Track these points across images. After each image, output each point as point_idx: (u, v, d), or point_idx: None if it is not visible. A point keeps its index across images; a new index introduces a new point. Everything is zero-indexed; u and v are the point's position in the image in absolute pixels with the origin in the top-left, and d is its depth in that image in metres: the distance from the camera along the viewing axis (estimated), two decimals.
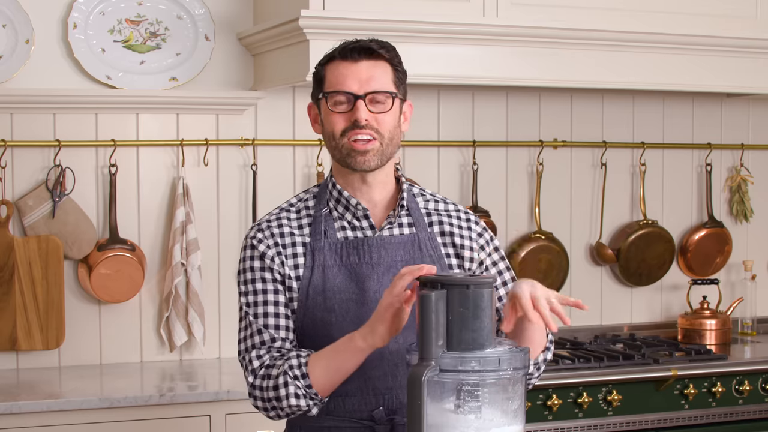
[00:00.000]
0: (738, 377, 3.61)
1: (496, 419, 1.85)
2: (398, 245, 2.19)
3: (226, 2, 3.66)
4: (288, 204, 2.26)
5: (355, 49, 2.13)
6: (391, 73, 2.15)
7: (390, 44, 2.18)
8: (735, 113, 4.34)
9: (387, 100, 2.13)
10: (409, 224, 2.22)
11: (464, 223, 2.28)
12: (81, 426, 3.02)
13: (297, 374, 2.05)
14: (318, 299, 2.14)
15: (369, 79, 2.12)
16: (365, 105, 2.11)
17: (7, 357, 3.47)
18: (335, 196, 2.20)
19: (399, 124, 2.18)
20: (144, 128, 3.58)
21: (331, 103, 2.14)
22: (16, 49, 3.42)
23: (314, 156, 3.75)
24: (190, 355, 3.64)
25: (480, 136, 3.97)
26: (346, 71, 2.13)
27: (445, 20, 3.34)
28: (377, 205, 2.22)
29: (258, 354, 2.13)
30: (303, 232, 2.20)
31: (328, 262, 2.16)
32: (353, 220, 2.20)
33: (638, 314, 4.22)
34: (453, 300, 1.84)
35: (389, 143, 2.15)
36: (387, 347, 2.11)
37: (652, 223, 4.17)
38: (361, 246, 2.17)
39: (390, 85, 2.15)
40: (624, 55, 3.59)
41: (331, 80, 2.15)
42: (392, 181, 2.24)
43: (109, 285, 3.45)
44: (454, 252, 2.24)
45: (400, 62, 2.19)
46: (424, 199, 2.29)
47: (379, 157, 2.14)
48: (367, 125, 2.11)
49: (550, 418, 3.38)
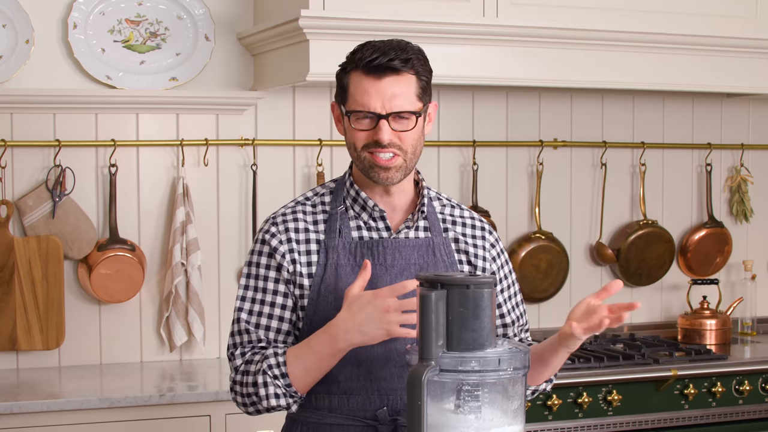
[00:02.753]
0: (738, 377, 3.61)
1: (496, 419, 1.85)
2: (413, 248, 2.18)
3: (226, 2, 3.66)
4: (304, 198, 2.24)
5: (380, 66, 2.08)
6: (415, 86, 2.11)
7: (415, 49, 2.13)
8: (735, 113, 4.34)
9: (411, 117, 2.11)
10: (425, 228, 2.22)
11: (479, 232, 2.28)
12: (81, 426, 3.02)
13: (276, 374, 2.07)
14: (329, 298, 2.14)
15: (393, 98, 2.08)
16: (388, 124, 2.09)
17: (7, 357, 3.47)
18: (352, 195, 2.19)
19: (423, 133, 2.16)
20: (144, 128, 3.58)
21: (354, 120, 2.12)
22: (16, 49, 3.42)
23: (314, 156, 3.75)
24: (190, 355, 3.64)
25: (480, 136, 3.97)
26: (369, 88, 2.09)
27: (445, 20, 3.34)
28: (396, 208, 2.21)
29: (242, 352, 2.15)
30: (318, 229, 2.18)
31: (342, 262, 2.15)
32: (369, 220, 2.19)
33: (638, 314, 4.22)
34: (453, 300, 1.84)
35: (412, 157, 2.14)
36: (395, 348, 2.12)
37: (652, 223, 4.17)
38: (376, 247, 2.16)
39: (414, 101, 2.11)
40: (624, 55, 3.59)
41: (354, 95, 2.11)
42: (411, 187, 2.23)
43: (109, 285, 3.45)
44: (467, 259, 2.24)
45: (425, 67, 2.13)
46: (440, 203, 2.29)
47: (402, 172, 2.13)
48: (390, 144, 2.09)
49: (550, 418, 3.38)
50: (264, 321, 2.15)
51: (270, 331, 2.15)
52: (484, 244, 2.27)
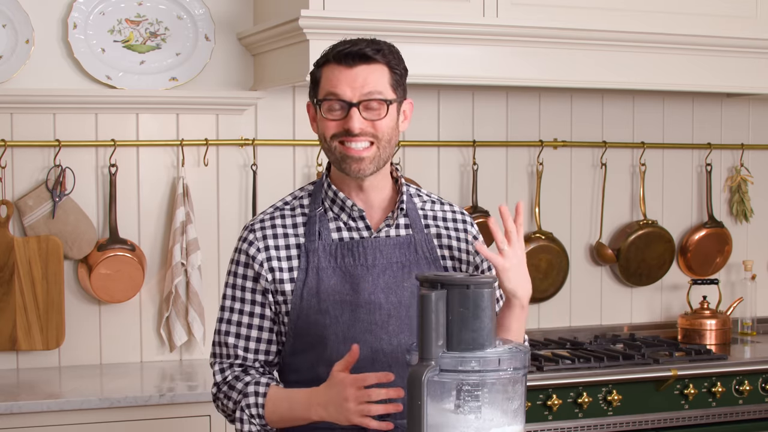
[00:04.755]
0: (738, 377, 3.61)
1: (496, 419, 1.85)
2: (394, 246, 2.17)
3: (226, 2, 3.66)
4: (283, 203, 2.23)
5: (350, 54, 2.08)
6: (388, 76, 2.11)
7: (388, 44, 2.14)
8: (735, 113, 4.34)
9: (382, 106, 2.09)
10: (406, 225, 2.21)
11: (460, 225, 2.28)
12: (81, 426, 3.02)
13: (253, 413, 2.11)
14: (312, 301, 2.13)
15: (363, 85, 2.07)
16: (359, 112, 2.07)
17: (7, 357, 3.47)
18: (330, 197, 2.18)
19: (397, 125, 2.14)
20: (144, 128, 3.58)
21: (324, 109, 2.10)
22: (16, 49, 3.42)
23: (314, 156, 3.75)
24: (190, 355, 3.64)
25: (480, 136, 3.97)
26: (340, 76, 2.08)
27: (445, 20, 3.34)
28: (374, 206, 2.19)
29: (221, 367, 2.19)
30: (297, 232, 2.17)
31: (323, 264, 2.14)
32: (349, 221, 2.17)
33: (638, 314, 4.22)
34: (453, 300, 1.84)
35: (386, 146, 2.12)
36: (386, 358, 2.12)
37: (652, 223, 4.17)
38: (356, 248, 2.15)
39: (386, 89, 2.10)
40: (624, 55, 3.59)
41: (324, 85, 2.11)
42: (389, 183, 2.21)
43: (109, 285, 3.45)
44: (449, 254, 2.23)
45: (398, 62, 2.14)
46: (420, 200, 2.27)
47: (375, 163, 2.11)
48: (362, 132, 2.08)
49: (550, 418, 3.38)
50: (244, 331, 2.17)
51: (249, 344, 2.17)
52: (467, 237, 2.27)
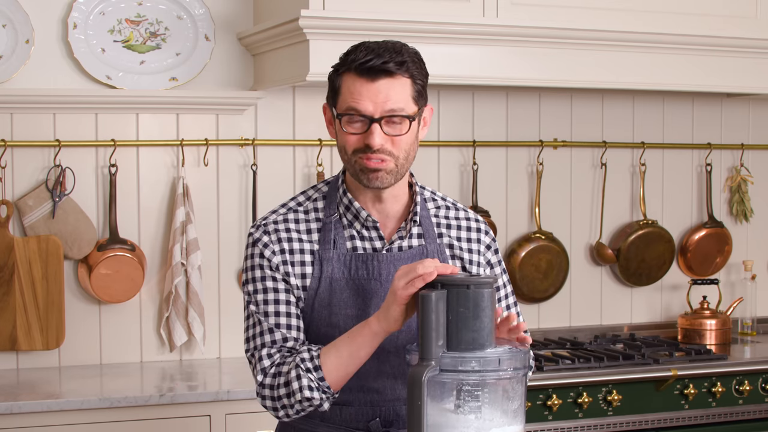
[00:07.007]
0: (738, 377, 3.61)
1: (496, 419, 1.85)
2: (407, 260, 2.12)
3: (226, 2, 3.66)
4: (296, 203, 2.18)
5: (374, 69, 2.01)
6: (410, 89, 2.05)
7: (411, 53, 2.07)
8: (735, 113, 4.34)
9: (404, 122, 2.04)
10: (419, 235, 2.16)
11: (474, 234, 2.23)
12: (81, 426, 3.02)
13: (309, 366, 2.00)
14: (323, 313, 2.10)
15: (386, 101, 2.01)
16: (380, 128, 2.02)
17: (7, 357, 3.47)
18: (345, 204, 2.13)
19: (417, 137, 2.09)
20: (144, 128, 3.58)
21: (345, 123, 2.05)
22: (16, 49, 3.42)
23: (314, 156, 3.75)
24: (190, 355, 3.64)
25: (480, 136, 3.97)
26: (362, 89, 2.01)
27: (445, 20, 3.34)
28: (389, 216, 2.15)
29: (269, 353, 2.07)
30: (311, 238, 2.13)
31: (336, 275, 2.10)
32: (362, 230, 2.13)
33: (638, 314, 4.22)
34: (453, 300, 1.84)
35: (404, 162, 2.07)
36: (388, 360, 2.11)
37: (652, 223, 4.17)
38: (371, 261, 2.11)
39: (408, 103, 2.04)
40: (624, 55, 3.59)
41: (345, 96, 2.04)
42: (405, 192, 2.16)
43: (109, 285, 3.45)
44: (461, 265, 2.19)
45: (421, 71, 2.07)
46: (435, 204, 2.22)
47: (393, 176, 2.06)
48: (382, 149, 2.03)
49: (550, 418, 3.38)
50: (284, 320, 2.08)
51: (292, 329, 2.08)
52: (479, 247, 2.22)
